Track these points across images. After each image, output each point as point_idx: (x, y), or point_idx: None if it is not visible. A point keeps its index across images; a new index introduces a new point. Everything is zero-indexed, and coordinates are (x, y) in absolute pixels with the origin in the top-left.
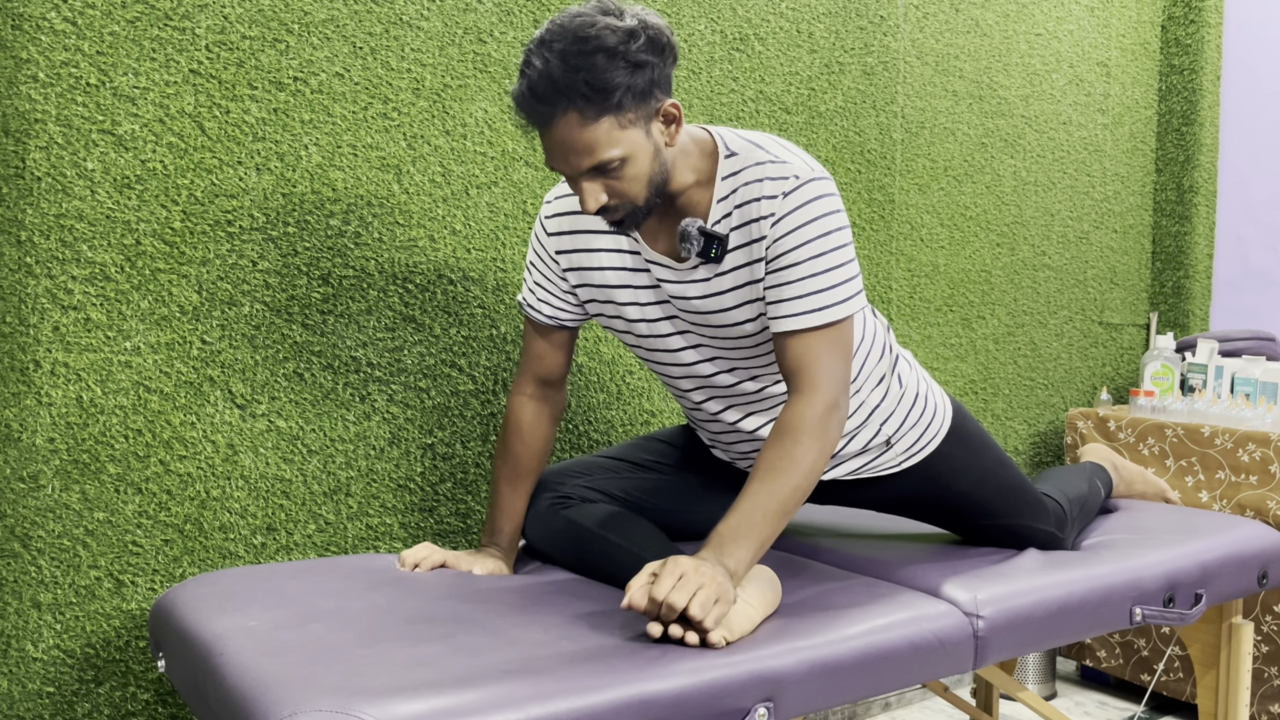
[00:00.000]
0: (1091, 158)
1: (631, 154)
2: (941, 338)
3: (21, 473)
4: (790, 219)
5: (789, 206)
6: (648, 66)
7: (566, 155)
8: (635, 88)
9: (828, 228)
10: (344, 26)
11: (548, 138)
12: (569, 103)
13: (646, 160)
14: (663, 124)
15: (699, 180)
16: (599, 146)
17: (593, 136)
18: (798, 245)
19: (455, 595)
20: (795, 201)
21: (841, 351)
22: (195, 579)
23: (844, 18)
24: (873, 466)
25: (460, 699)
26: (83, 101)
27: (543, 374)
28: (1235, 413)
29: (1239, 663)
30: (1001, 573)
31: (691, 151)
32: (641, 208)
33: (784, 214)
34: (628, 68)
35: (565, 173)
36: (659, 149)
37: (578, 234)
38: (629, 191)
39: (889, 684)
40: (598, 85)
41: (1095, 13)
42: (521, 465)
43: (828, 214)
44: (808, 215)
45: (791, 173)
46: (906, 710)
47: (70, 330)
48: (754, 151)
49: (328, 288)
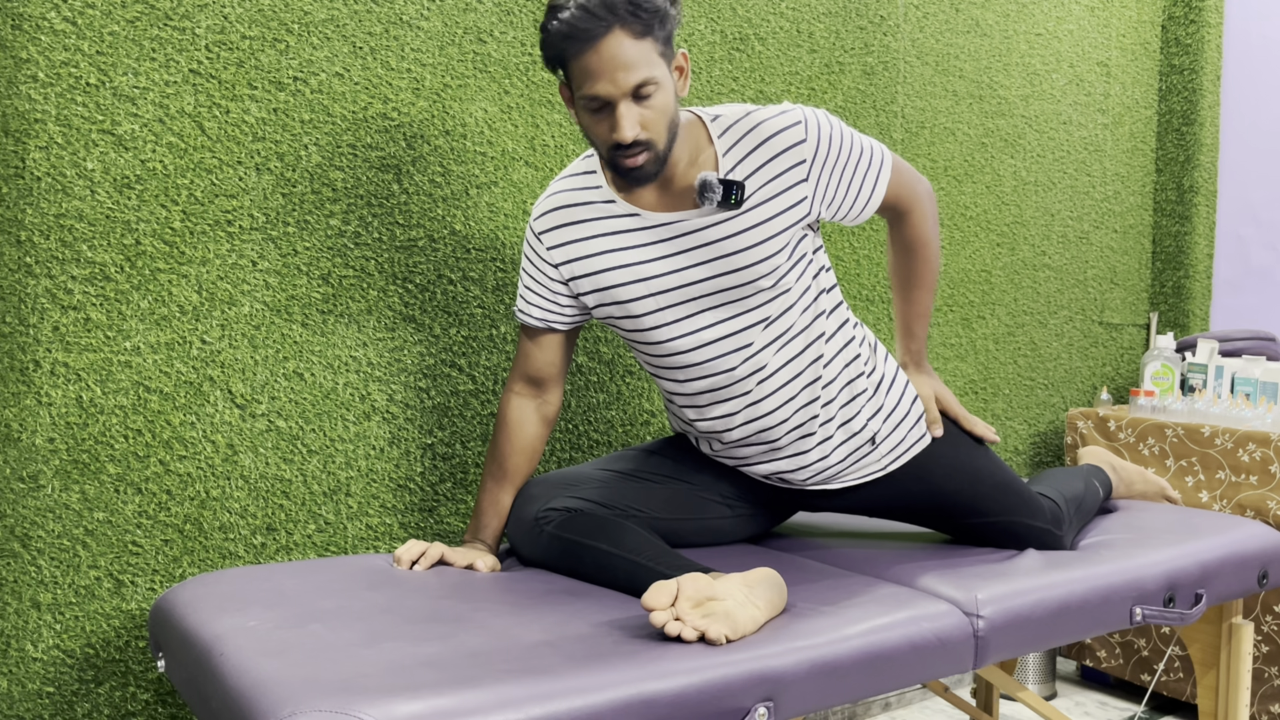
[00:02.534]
0: (1091, 158)
1: (663, 81)
2: (941, 338)
3: (21, 473)
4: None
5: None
6: (678, 6)
7: (614, 72)
8: (666, 19)
9: (840, 127)
10: (344, 26)
11: (593, 57)
12: (618, 20)
13: (670, 96)
14: (678, 73)
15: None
16: (644, 63)
17: (640, 53)
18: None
19: (455, 595)
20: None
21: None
22: (195, 579)
23: (844, 18)
24: (860, 468)
25: (460, 699)
26: (83, 101)
27: (531, 373)
28: (1235, 413)
29: (1239, 663)
30: (1002, 572)
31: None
32: (661, 152)
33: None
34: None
35: (609, 94)
36: (676, 92)
37: (570, 226)
38: (656, 125)
39: (889, 684)
40: (642, 4)
41: (1095, 13)
42: (506, 462)
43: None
44: (829, 132)
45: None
46: (906, 710)
47: (70, 330)
48: (734, 109)
49: (328, 288)
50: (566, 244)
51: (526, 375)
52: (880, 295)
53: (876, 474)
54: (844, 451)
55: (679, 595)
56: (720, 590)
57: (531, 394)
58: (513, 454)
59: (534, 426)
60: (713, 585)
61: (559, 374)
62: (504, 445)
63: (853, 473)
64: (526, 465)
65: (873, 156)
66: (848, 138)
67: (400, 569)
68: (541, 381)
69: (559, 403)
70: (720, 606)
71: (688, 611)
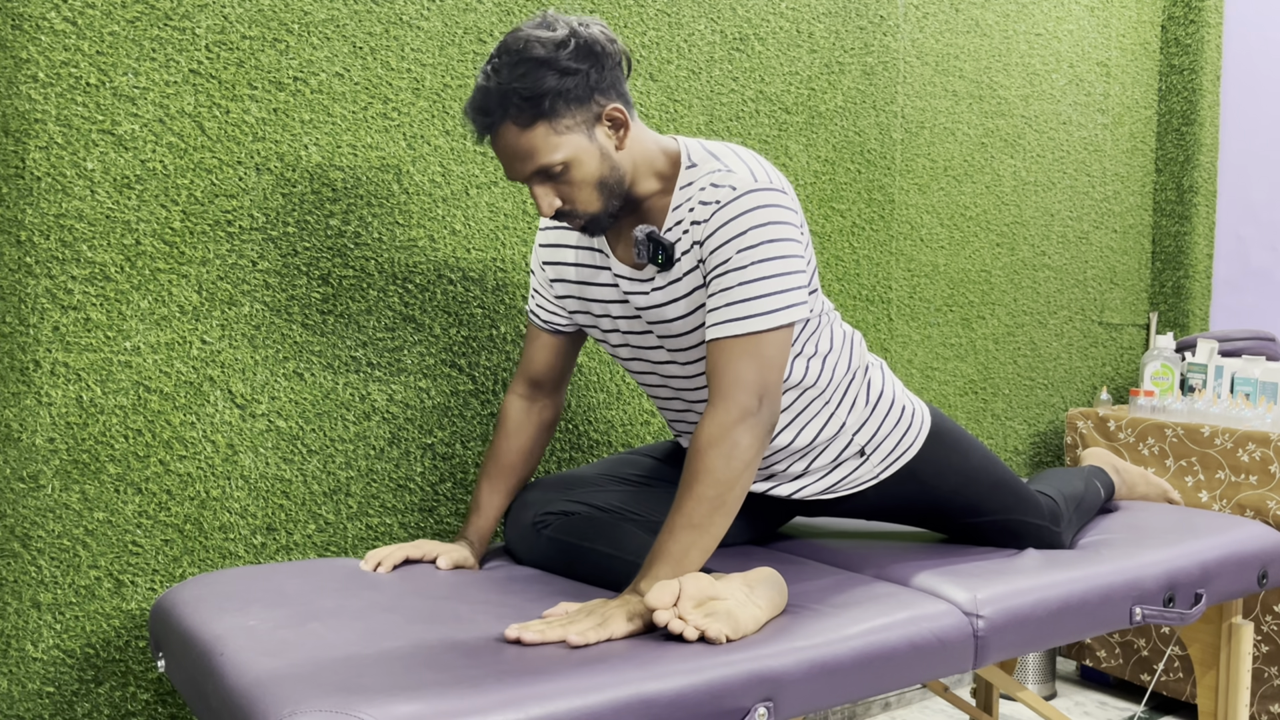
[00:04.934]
0: (1091, 158)
1: (574, 158)
2: (941, 338)
3: (21, 473)
4: (722, 231)
5: (723, 217)
6: (579, 73)
7: (511, 162)
8: (567, 93)
9: (759, 239)
10: (344, 26)
11: (496, 148)
12: (504, 113)
13: (593, 164)
14: (609, 128)
15: (662, 189)
16: (537, 152)
17: (529, 143)
18: (728, 256)
19: (456, 596)
20: (730, 213)
21: (760, 363)
22: (195, 579)
23: (844, 18)
24: (852, 480)
25: (460, 699)
26: (83, 101)
27: (533, 375)
28: (1235, 413)
29: (1239, 663)
30: (1001, 572)
31: (658, 159)
32: (599, 213)
33: (718, 225)
34: (557, 74)
35: (515, 179)
36: (606, 153)
37: (559, 247)
38: (580, 196)
39: (889, 684)
40: (526, 93)
41: (1095, 13)
42: (501, 461)
43: (763, 224)
44: (740, 226)
45: (731, 182)
46: (906, 710)
47: (70, 330)
48: (710, 162)
49: (328, 288)
50: (557, 264)
51: (528, 377)
52: (879, 295)
53: (869, 482)
54: (834, 467)
55: (681, 594)
56: (722, 590)
57: (532, 397)
58: (507, 452)
59: (532, 430)
60: (714, 585)
61: (560, 379)
62: (500, 445)
63: (846, 484)
64: (522, 467)
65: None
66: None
67: (381, 572)
68: (542, 385)
69: (558, 408)
70: (722, 606)
71: (690, 610)
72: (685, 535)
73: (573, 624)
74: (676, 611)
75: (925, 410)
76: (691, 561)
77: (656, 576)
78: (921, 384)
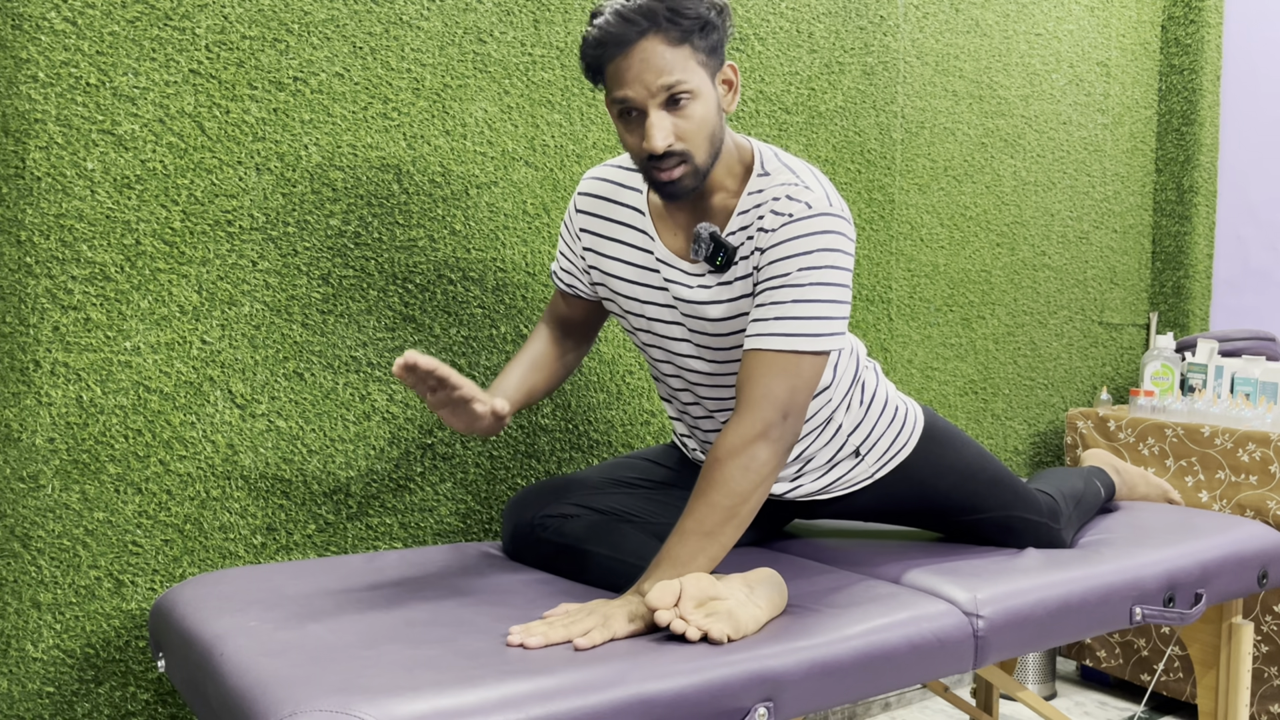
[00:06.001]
0: (1091, 158)
1: (700, 90)
2: (941, 338)
3: (21, 473)
4: (788, 244)
5: (792, 232)
6: (723, 13)
7: (643, 74)
8: (710, 29)
9: (821, 262)
10: (344, 26)
11: (625, 61)
12: (654, 25)
13: (711, 108)
14: (724, 87)
15: (731, 185)
16: (677, 68)
17: (674, 57)
18: (786, 271)
19: (456, 596)
20: (798, 230)
21: (794, 382)
22: (195, 579)
23: (844, 18)
24: (848, 480)
25: (460, 699)
26: (83, 101)
27: (559, 318)
28: (1235, 413)
29: (1239, 663)
30: (1001, 572)
31: (733, 153)
32: (702, 166)
33: (784, 238)
34: (711, 8)
35: (639, 99)
36: (720, 106)
37: (601, 219)
38: (693, 136)
39: (889, 684)
40: (683, 12)
41: (1095, 13)
42: (539, 356)
43: (827, 249)
44: (806, 245)
45: (807, 199)
46: (906, 710)
47: (70, 330)
48: (785, 174)
49: (328, 288)
50: (593, 232)
51: (555, 318)
52: (879, 295)
53: (864, 482)
54: (830, 468)
55: (682, 594)
56: (723, 590)
57: (557, 337)
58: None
59: (555, 353)
60: (715, 585)
61: (586, 332)
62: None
63: (842, 484)
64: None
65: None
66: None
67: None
68: (568, 329)
69: (580, 355)
70: (723, 606)
71: (691, 610)
72: (694, 541)
73: (575, 624)
74: (678, 611)
75: (918, 410)
76: (698, 567)
77: (660, 579)
78: (921, 384)
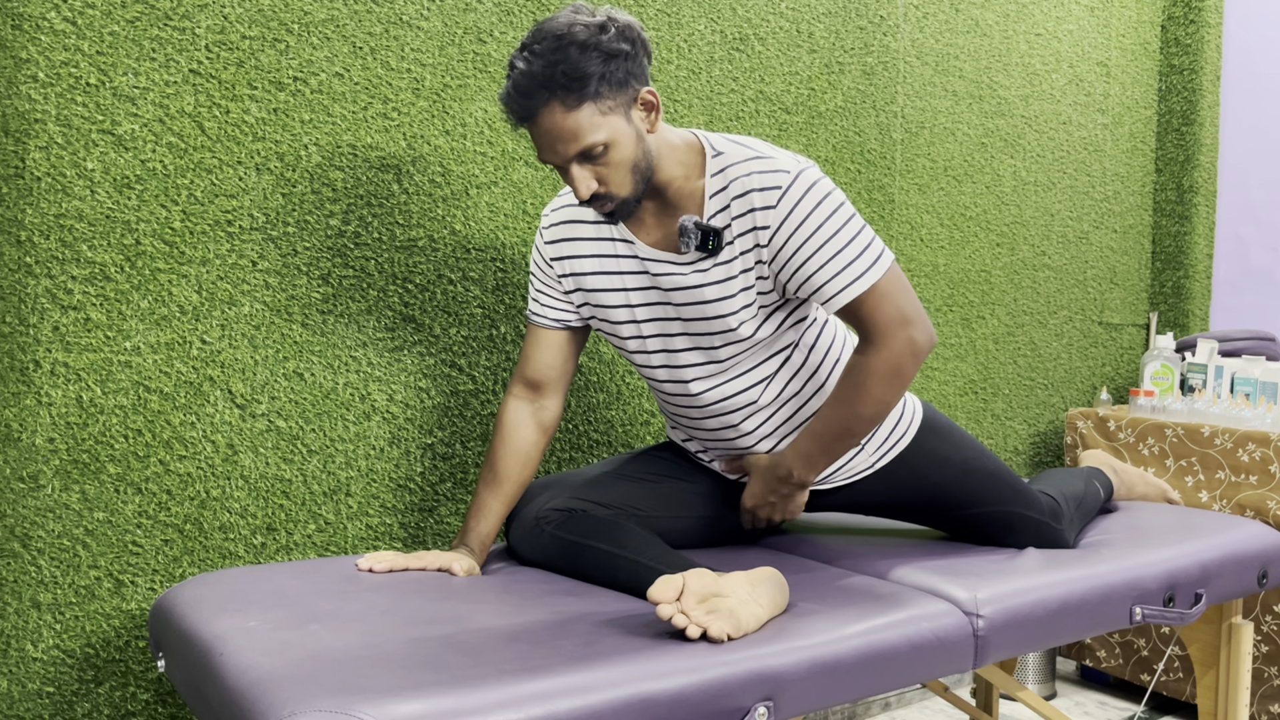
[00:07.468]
0: (1091, 158)
1: (614, 139)
2: (941, 338)
3: (21, 473)
4: (796, 210)
5: (791, 200)
6: (621, 55)
7: (554, 144)
8: (610, 76)
9: (831, 208)
10: (344, 26)
11: (536, 130)
12: (550, 94)
13: (630, 146)
14: (642, 111)
15: (686, 175)
16: (582, 132)
17: (575, 123)
18: (815, 226)
19: (456, 596)
20: (794, 196)
21: (893, 299)
22: (195, 579)
23: (844, 18)
24: (849, 469)
25: (460, 699)
26: (83, 101)
27: (532, 376)
28: (1235, 413)
29: (1239, 663)
30: (1001, 572)
31: (678, 147)
32: (630, 197)
33: (788, 207)
34: (601, 57)
35: (555, 162)
36: (640, 135)
37: (570, 241)
38: (616, 178)
39: (889, 683)
40: (574, 74)
41: (1095, 13)
42: (498, 465)
43: (825, 196)
44: (809, 206)
45: (779, 167)
46: (906, 710)
47: (70, 330)
48: (739, 149)
49: (328, 288)
50: (567, 256)
51: (526, 378)
52: None
53: (865, 472)
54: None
55: (684, 590)
56: (725, 587)
57: (530, 398)
58: (506, 457)
59: (530, 432)
60: (717, 582)
61: (560, 379)
62: (498, 449)
63: (842, 474)
64: (520, 471)
65: (855, 258)
66: (829, 222)
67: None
68: (541, 386)
69: (558, 410)
70: (724, 604)
71: (692, 607)
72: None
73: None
74: (679, 606)
75: (917, 403)
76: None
77: (800, 450)
78: (921, 384)
